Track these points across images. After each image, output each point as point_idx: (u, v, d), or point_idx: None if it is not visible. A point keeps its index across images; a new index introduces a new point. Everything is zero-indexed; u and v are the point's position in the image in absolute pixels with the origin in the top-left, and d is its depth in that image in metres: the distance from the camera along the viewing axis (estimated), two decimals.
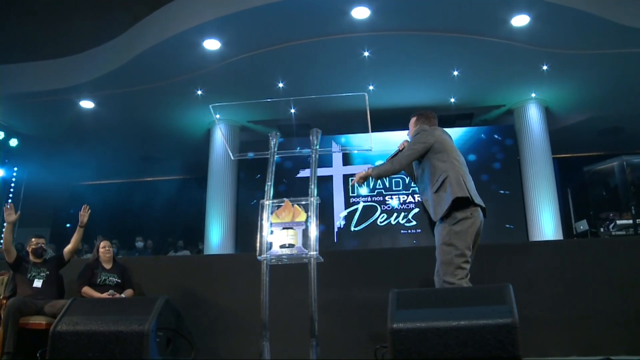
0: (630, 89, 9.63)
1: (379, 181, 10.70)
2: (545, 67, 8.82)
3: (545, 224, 9.55)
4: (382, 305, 4.33)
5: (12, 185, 11.48)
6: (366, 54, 8.56)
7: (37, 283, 4.84)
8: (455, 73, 9.12)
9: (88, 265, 5.03)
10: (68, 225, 11.24)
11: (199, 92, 9.53)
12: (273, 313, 2.73)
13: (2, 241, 8.98)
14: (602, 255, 4.56)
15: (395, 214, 10.41)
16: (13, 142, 10.86)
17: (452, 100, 10.20)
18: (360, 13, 7.62)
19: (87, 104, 9.89)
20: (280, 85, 9.47)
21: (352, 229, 10.41)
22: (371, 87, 9.70)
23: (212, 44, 8.14)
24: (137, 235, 10.76)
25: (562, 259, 4.55)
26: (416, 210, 10.37)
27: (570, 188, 11.52)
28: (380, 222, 10.38)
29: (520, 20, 7.70)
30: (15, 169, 11.48)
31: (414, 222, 10.31)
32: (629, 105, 10.25)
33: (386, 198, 10.58)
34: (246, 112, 10.82)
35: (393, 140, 10.30)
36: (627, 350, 4.06)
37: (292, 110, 10.62)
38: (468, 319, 2.22)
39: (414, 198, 10.45)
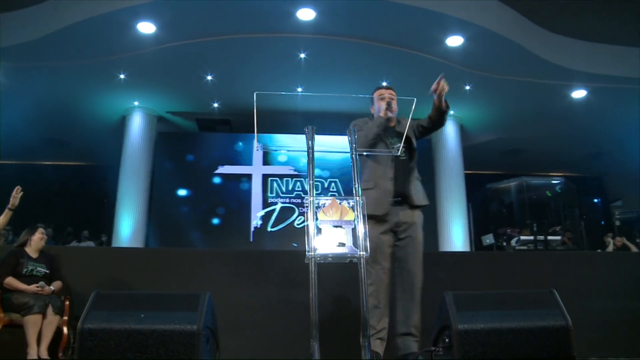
0: (533, 116, 10.48)
1: (298, 183, 10.74)
2: (467, 87, 9.34)
3: (455, 236, 10.08)
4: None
5: None
6: (302, 55, 8.57)
7: None
8: (384, 84, 9.34)
9: (12, 254, 4.54)
10: None
11: (122, 76, 9.00)
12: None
13: None
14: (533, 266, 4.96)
15: None
16: None
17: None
18: (305, 14, 7.62)
19: None
20: (209, 77, 9.22)
21: (269, 229, 10.33)
22: (299, 89, 9.71)
23: (146, 27, 7.73)
24: (34, 222, 9.87)
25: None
26: None
27: (472, 203, 12.24)
28: (298, 224, 10.40)
29: (455, 41, 8.11)
30: None
31: None
32: (529, 130, 11.14)
33: (304, 200, 10.62)
34: (165, 102, 10.39)
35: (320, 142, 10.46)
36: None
37: (215, 105, 10.37)
38: (527, 321, 2.35)
39: None
